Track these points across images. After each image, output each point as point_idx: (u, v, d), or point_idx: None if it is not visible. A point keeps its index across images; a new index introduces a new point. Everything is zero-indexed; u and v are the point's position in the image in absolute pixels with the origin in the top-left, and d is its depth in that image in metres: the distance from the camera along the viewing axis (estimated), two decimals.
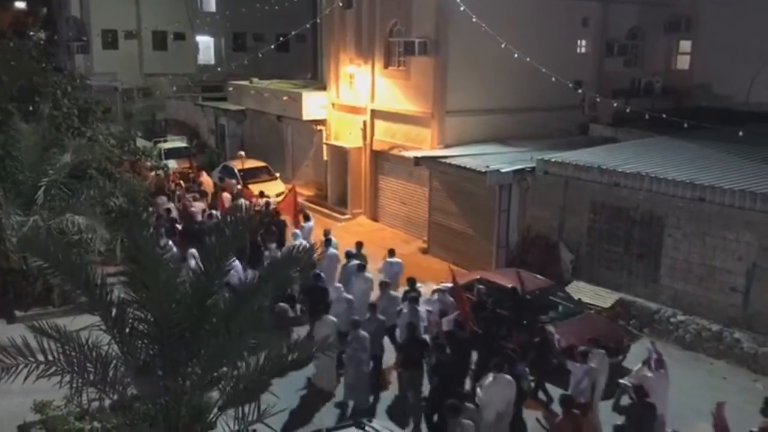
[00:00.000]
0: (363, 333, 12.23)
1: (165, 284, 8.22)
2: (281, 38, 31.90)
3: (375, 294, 14.70)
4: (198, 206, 21.53)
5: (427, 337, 12.81)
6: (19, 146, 16.01)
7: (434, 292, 14.45)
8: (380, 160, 24.15)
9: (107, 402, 9.42)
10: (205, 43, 46.12)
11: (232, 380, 8.27)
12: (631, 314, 15.96)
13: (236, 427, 8.43)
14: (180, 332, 8.10)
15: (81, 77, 23.11)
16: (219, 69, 39.29)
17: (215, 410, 8.54)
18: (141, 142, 26.14)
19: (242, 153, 28.49)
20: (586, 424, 9.99)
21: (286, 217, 20.13)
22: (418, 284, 14.70)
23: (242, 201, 20.71)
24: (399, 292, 14.51)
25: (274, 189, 25.94)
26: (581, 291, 16.33)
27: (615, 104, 21.42)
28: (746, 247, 14.31)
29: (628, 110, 20.37)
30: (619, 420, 10.07)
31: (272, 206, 21.14)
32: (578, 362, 11.20)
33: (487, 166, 18.32)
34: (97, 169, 18.52)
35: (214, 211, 19.90)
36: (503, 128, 21.75)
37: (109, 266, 11.17)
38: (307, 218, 19.92)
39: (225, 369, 8.29)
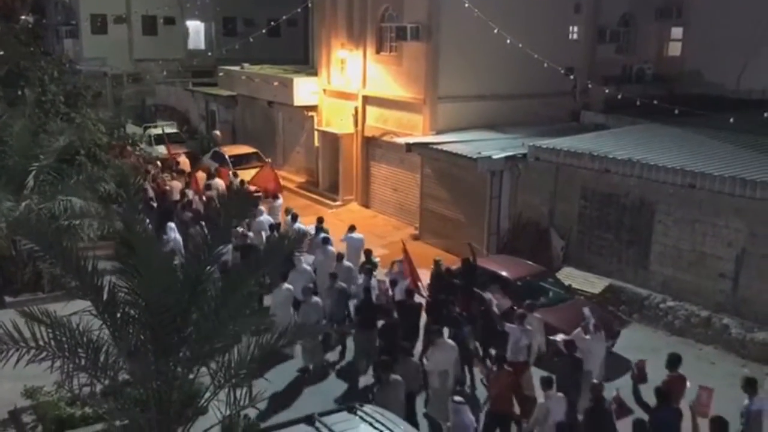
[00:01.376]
0: (316, 299, 13.22)
1: (156, 269, 8.21)
2: (272, 23, 31.67)
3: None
4: (174, 185, 21.96)
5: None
6: (9, 131, 15.89)
7: (393, 263, 15.24)
8: (372, 146, 24.10)
9: (98, 387, 9.46)
10: (196, 28, 45.74)
11: (222, 365, 8.26)
12: (620, 300, 16.05)
13: (228, 412, 8.45)
14: (171, 317, 8.09)
15: (69, 62, 22.97)
16: (209, 54, 38.98)
17: (207, 394, 8.54)
18: (131, 128, 26.02)
19: (217, 132, 28.48)
20: (524, 380, 11.14)
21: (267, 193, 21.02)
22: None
23: (217, 181, 21.40)
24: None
25: None
26: (571, 277, 16.41)
27: (606, 91, 21.44)
28: (736, 234, 14.38)
29: (619, 97, 20.40)
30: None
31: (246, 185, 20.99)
32: (516, 325, 11.99)
33: (479, 153, 18.32)
34: (86, 154, 18.44)
35: (188, 191, 20.63)
36: (495, 114, 21.74)
37: (100, 251, 11.18)
38: (276, 197, 20.37)
39: (216, 353, 8.28)
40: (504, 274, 14.86)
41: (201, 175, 22.75)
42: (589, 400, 9.97)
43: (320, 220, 17.83)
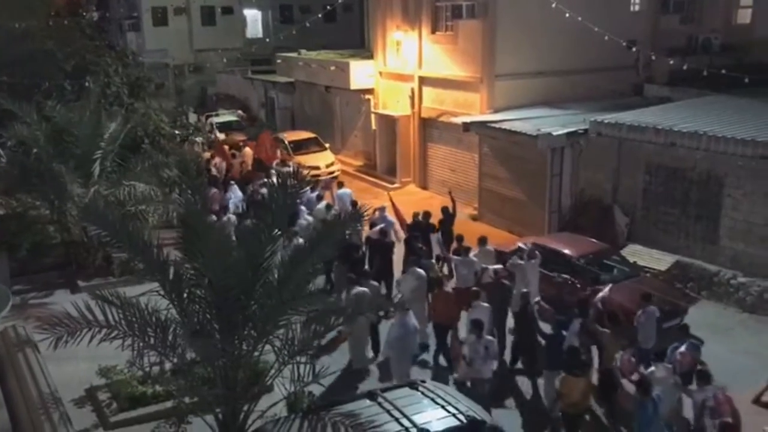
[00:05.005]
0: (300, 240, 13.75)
1: (219, 250, 8.38)
2: (328, 8, 31.78)
3: None
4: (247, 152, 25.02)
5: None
6: (76, 122, 16.44)
7: (375, 210, 16.30)
8: (429, 127, 23.99)
9: (168, 366, 9.77)
10: (253, 17, 46.33)
11: (286, 342, 8.39)
12: (688, 277, 15.59)
13: (292, 389, 8.59)
14: (235, 296, 8.25)
15: (132, 54, 23.56)
16: (267, 41, 39.43)
17: (271, 372, 8.70)
18: (193, 117, 26.60)
19: (241, 113, 31.85)
20: (460, 300, 12.93)
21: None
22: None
23: (217, 160, 23.76)
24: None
25: (323, 160, 26.12)
26: (637, 254, 16.03)
27: (671, 62, 20.74)
28: None
29: (684, 68, 19.71)
30: None
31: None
32: (461, 256, 14.10)
33: (538, 130, 18.02)
34: (150, 143, 18.97)
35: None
36: (554, 91, 21.30)
37: (165, 235, 11.50)
38: (341, 185, 20.50)
39: (279, 330, 8.41)
40: (566, 252, 14.61)
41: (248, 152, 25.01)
42: (518, 306, 12.32)
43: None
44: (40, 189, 16.08)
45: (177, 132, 21.34)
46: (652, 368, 10.02)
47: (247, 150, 25.18)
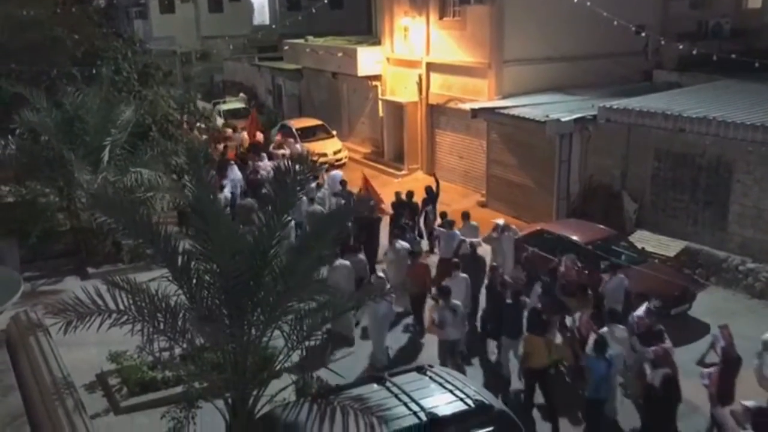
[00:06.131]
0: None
1: (227, 236, 8.42)
2: None
3: None
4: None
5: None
6: (86, 108, 16.47)
7: (360, 190, 18.26)
8: (436, 113, 23.93)
9: (177, 351, 9.83)
10: (260, 3, 46.18)
11: (295, 327, 8.44)
12: (697, 263, 15.56)
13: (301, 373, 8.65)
14: (244, 281, 8.29)
15: (140, 42, 23.59)
16: (274, 28, 39.30)
17: (280, 357, 8.75)
18: (200, 104, 26.61)
19: (243, 95, 31.90)
20: (443, 271, 13.91)
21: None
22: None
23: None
24: None
25: (331, 147, 26.12)
26: (645, 240, 15.99)
27: (680, 47, 20.57)
28: None
29: (694, 53, 19.54)
30: None
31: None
32: (445, 229, 15.28)
33: (547, 116, 17.93)
34: (159, 130, 19.01)
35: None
36: (563, 77, 21.20)
37: (173, 221, 11.55)
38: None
39: (287, 315, 8.45)
40: (574, 238, 14.61)
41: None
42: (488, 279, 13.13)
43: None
44: (49, 176, 16.17)
45: (185, 119, 21.40)
46: (605, 329, 10.58)
47: (244, 134, 25.93)
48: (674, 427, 9.79)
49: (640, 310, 11.29)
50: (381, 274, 13.92)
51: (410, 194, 17.47)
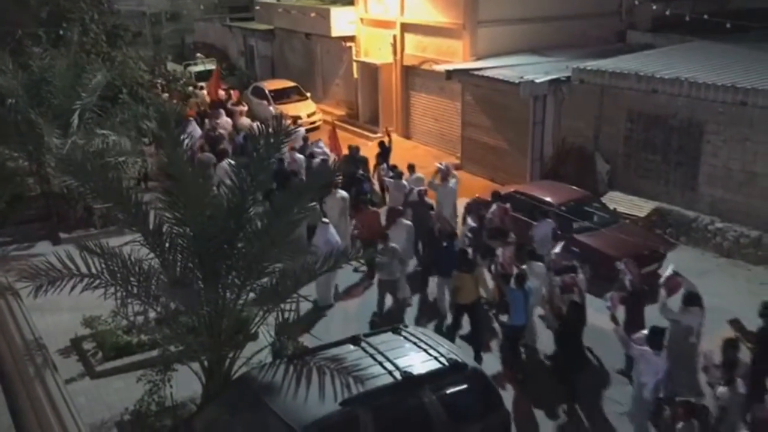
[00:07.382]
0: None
1: (200, 200, 8.37)
2: None
3: None
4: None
5: None
6: (53, 71, 16.11)
7: (316, 141, 19.36)
8: (411, 75, 23.77)
9: (152, 315, 9.82)
10: None
11: (269, 290, 8.46)
12: (667, 223, 15.79)
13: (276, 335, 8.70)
14: (218, 244, 8.27)
15: (108, 1, 23.00)
16: None
17: (256, 320, 8.79)
18: (171, 66, 26.16)
19: (199, 55, 31.55)
20: (391, 218, 14.55)
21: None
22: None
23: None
24: None
25: (305, 109, 25.89)
26: (617, 201, 16.20)
27: (654, 8, 20.57)
28: None
29: (667, 13, 19.56)
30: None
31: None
32: (393, 179, 16.19)
33: (521, 77, 17.91)
34: (129, 93, 18.67)
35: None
36: (537, 38, 21.13)
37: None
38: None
39: (262, 278, 8.46)
40: (547, 199, 14.72)
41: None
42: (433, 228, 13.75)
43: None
44: (18, 140, 15.85)
45: (159, 81, 21.04)
46: (525, 266, 11.65)
47: (205, 92, 25.81)
48: (581, 350, 10.59)
49: (556, 249, 12.24)
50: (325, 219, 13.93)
51: (357, 149, 18.32)
